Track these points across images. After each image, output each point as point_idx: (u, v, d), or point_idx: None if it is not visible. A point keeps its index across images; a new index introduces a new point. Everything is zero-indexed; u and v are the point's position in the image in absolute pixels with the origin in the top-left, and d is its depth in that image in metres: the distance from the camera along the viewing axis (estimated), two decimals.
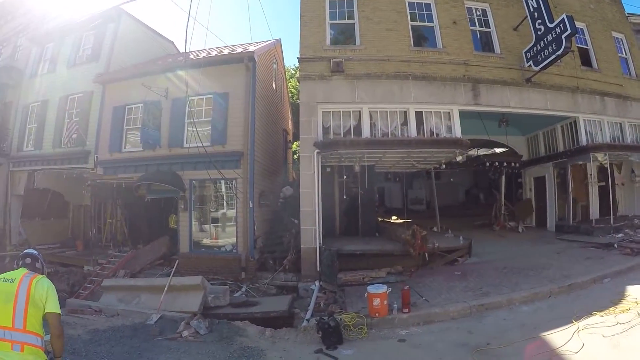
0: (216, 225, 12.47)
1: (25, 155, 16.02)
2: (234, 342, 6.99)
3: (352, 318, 6.84)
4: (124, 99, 13.66)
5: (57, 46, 16.67)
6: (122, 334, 7.50)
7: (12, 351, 2.83)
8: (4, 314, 2.88)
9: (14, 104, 17.14)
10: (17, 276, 3.02)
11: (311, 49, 11.60)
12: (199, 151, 11.73)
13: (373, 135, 11.16)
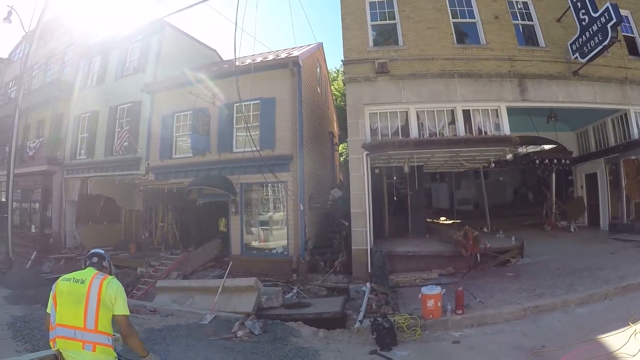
0: (267, 227, 12.67)
1: (78, 164, 16.77)
2: (289, 342, 7.08)
3: (406, 319, 6.83)
4: (172, 107, 14.12)
5: (104, 59, 17.42)
6: (177, 333, 7.70)
7: (83, 351, 2.91)
8: (75, 314, 2.93)
9: (65, 116, 17.98)
10: (87, 277, 3.04)
11: (355, 51, 11.67)
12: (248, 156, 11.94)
13: (421, 135, 11.12)
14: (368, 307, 8.67)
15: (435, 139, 10.98)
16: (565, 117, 13.68)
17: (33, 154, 18.15)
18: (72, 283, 3.03)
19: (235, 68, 10.74)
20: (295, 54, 13.24)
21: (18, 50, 25.64)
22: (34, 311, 9.12)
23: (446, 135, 11.15)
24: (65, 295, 2.98)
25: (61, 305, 2.96)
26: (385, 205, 12.76)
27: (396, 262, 9.86)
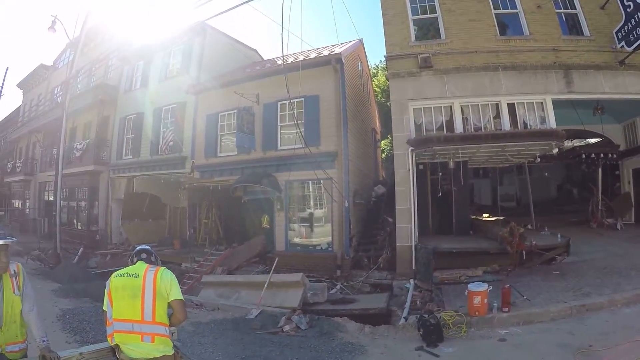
0: (311, 224, 12.75)
1: (124, 163, 17.38)
2: (335, 337, 7.10)
3: (451, 316, 6.75)
4: (216, 107, 14.43)
5: (147, 63, 17.99)
6: (224, 327, 7.84)
7: (142, 342, 2.97)
8: (132, 308, 3.00)
9: (111, 118, 18.68)
10: (140, 271, 3.11)
11: (397, 46, 11.59)
12: (293, 153, 12.20)
13: (466, 130, 10.95)
14: (412, 304, 8.59)
15: (480, 134, 10.76)
16: (612, 108, 13.15)
17: (80, 155, 18.87)
18: (126, 278, 3.10)
19: (283, 66, 10.85)
20: (338, 51, 13.28)
21: (62, 57, 26.78)
22: (82, 304, 9.51)
23: (491, 129, 10.93)
24: (120, 290, 3.06)
25: (117, 301, 3.05)
26: (429, 202, 12.64)
27: (440, 259, 9.71)
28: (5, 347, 2.97)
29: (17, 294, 3.01)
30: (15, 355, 3.02)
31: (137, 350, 2.96)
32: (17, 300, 3.01)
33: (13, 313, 2.98)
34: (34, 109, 28.48)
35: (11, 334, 2.99)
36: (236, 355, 6.21)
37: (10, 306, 2.97)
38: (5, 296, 2.96)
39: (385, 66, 25.07)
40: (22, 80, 32.55)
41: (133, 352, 2.97)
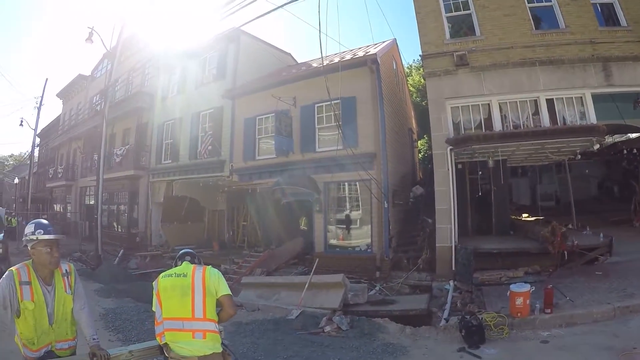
0: (350, 225, 12.71)
1: (163, 168, 17.84)
2: (376, 338, 7.11)
3: (493, 318, 6.68)
4: (253, 111, 14.63)
5: (183, 70, 18.40)
6: (265, 327, 7.94)
7: (194, 339, 3.01)
8: (182, 306, 3.05)
9: (149, 124, 19.24)
10: (187, 271, 3.17)
11: (432, 44, 11.48)
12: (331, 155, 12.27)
13: (504, 127, 10.74)
14: (452, 305, 8.49)
15: (519, 131, 10.49)
16: None
17: (120, 160, 19.49)
18: (174, 278, 3.17)
19: (323, 68, 10.95)
20: (373, 51, 13.25)
21: (100, 67, 27.74)
22: (124, 304, 9.81)
23: (530, 127, 10.66)
24: (169, 290, 3.12)
25: (166, 300, 3.11)
26: (468, 202, 12.48)
27: (480, 260, 9.58)
28: (56, 344, 3.04)
29: (68, 293, 3.10)
30: (65, 353, 3.08)
31: (187, 347, 3.00)
32: (68, 298, 3.09)
33: (64, 311, 3.07)
34: (73, 117, 29.63)
35: (62, 332, 3.07)
36: (278, 355, 6.28)
37: (62, 304, 3.05)
38: (57, 295, 3.04)
39: (418, 65, 24.94)
40: (62, 90, 33.91)
41: (183, 350, 3.00)
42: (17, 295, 2.87)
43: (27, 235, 3.04)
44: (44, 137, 36.34)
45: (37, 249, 3.00)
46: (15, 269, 2.97)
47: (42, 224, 3.12)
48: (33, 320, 2.91)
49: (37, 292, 2.95)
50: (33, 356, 2.96)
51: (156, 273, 12.61)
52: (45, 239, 3.00)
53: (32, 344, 2.95)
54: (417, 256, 11.66)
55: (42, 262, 3.01)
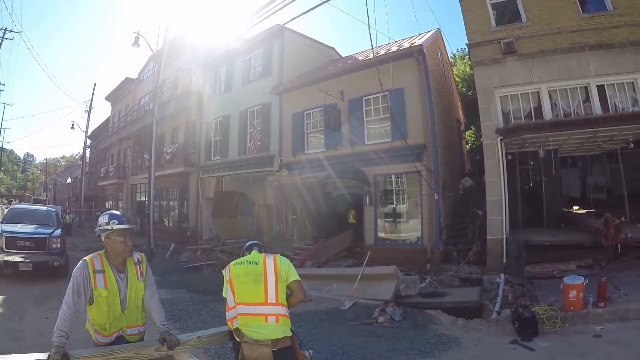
0: (400, 218, 12.69)
1: (213, 164, 18.43)
2: (429, 329, 7.10)
3: (546, 311, 6.53)
4: (301, 106, 14.85)
5: (229, 68, 18.91)
6: (318, 318, 7.99)
7: (267, 323, 3.10)
8: (255, 292, 3.15)
9: (198, 122, 19.88)
10: (258, 259, 3.28)
11: (478, 33, 11.24)
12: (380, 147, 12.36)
13: (555, 116, 10.38)
14: (504, 299, 8.33)
15: (571, 119, 10.16)
16: None
17: (170, 158, 20.22)
18: (246, 265, 3.29)
19: (374, 60, 11.00)
20: (418, 42, 13.09)
21: (146, 69, 28.83)
22: (178, 294, 10.14)
23: (582, 114, 10.25)
24: (242, 276, 3.23)
25: (239, 286, 3.22)
26: (518, 193, 12.20)
27: (531, 253, 9.34)
28: (126, 329, 3.15)
29: (140, 280, 3.21)
30: (134, 338, 3.20)
31: (260, 331, 3.08)
32: (140, 286, 3.20)
33: (136, 298, 3.17)
34: (122, 118, 30.93)
35: (132, 318, 3.18)
36: (333, 344, 6.35)
37: (133, 291, 3.16)
38: (130, 282, 3.15)
39: (463, 54, 24.45)
40: (110, 94, 35.50)
41: (256, 334, 3.07)
42: (91, 283, 2.98)
43: (101, 226, 3.14)
44: (94, 139, 38.14)
45: (112, 239, 3.10)
46: (89, 258, 3.08)
47: (115, 214, 3.22)
48: (106, 306, 3.03)
49: (111, 279, 3.06)
50: (104, 341, 3.08)
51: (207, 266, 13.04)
52: (120, 228, 3.10)
53: (104, 329, 3.08)
54: (467, 249, 11.53)
55: (116, 251, 3.12)
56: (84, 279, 2.95)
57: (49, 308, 7.86)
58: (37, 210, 13.84)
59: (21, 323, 7.15)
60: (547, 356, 5.60)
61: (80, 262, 3.03)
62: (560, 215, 12.30)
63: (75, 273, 2.96)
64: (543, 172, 11.82)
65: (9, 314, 7.69)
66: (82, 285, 2.93)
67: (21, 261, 10.31)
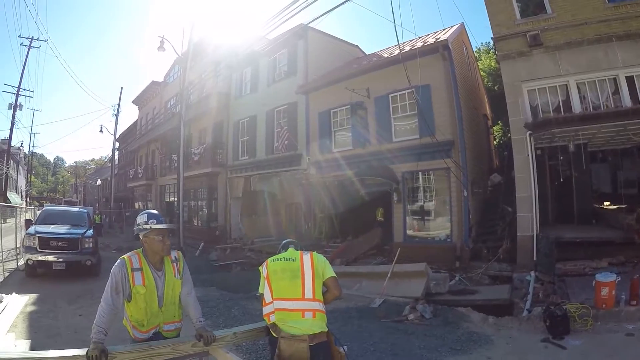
0: (428, 215, 12.67)
1: (240, 164, 18.73)
2: (459, 326, 7.06)
3: (577, 309, 6.42)
4: (327, 104, 14.96)
5: (254, 69, 19.15)
6: (348, 315, 7.99)
7: (304, 318, 3.13)
8: (293, 287, 3.19)
9: (224, 123, 20.23)
10: (295, 256, 3.34)
11: (503, 26, 11.08)
12: (408, 144, 12.40)
13: (584, 109, 10.14)
14: (534, 297, 8.23)
15: (600, 112, 9.87)
16: None
17: (198, 159, 20.61)
18: (283, 262, 3.34)
19: (400, 56, 11.01)
20: (443, 37, 13.01)
21: (172, 73, 29.38)
22: (209, 292, 10.19)
23: (611, 107, 9.96)
24: (279, 272, 3.28)
25: (277, 282, 3.26)
26: (548, 189, 11.99)
27: (562, 250, 9.19)
28: (163, 325, 3.21)
29: (177, 278, 3.25)
30: (171, 334, 3.26)
31: (297, 326, 3.11)
32: (177, 283, 3.25)
33: (173, 295, 3.23)
34: (149, 121, 31.61)
35: (169, 314, 3.24)
36: (364, 341, 6.39)
37: (171, 288, 3.20)
38: (167, 279, 3.20)
39: (487, 48, 24.07)
40: (137, 97, 36.37)
41: (293, 329, 3.10)
42: (129, 281, 3.04)
43: (139, 225, 3.18)
44: (122, 142, 39.10)
45: (150, 238, 3.14)
46: (127, 256, 3.14)
47: (154, 214, 3.26)
48: (144, 303, 3.09)
49: (149, 277, 3.12)
50: (142, 337, 3.14)
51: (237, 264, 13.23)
52: (158, 228, 3.14)
53: (142, 325, 3.14)
54: (496, 246, 11.41)
55: (155, 250, 3.16)
56: (122, 277, 3.01)
57: (82, 306, 8.17)
58: (70, 212, 14.20)
59: (55, 320, 7.36)
60: (579, 354, 5.55)
61: (119, 261, 3.10)
62: (591, 211, 12.03)
63: (114, 271, 3.03)
64: (573, 167, 11.58)
65: (43, 311, 7.91)
66: (120, 283, 3.00)
67: (54, 260, 10.59)
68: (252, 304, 9.00)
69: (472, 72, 16.98)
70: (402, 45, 13.68)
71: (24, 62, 43.79)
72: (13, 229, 15.10)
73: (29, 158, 58.11)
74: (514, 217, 10.86)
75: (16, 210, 17.16)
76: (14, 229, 14.92)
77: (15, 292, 8.73)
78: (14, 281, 10.56)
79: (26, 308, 8.02)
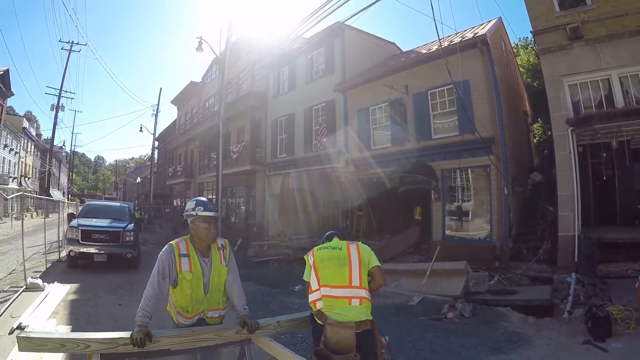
0: (468, 213, 12.52)
1: (278, 161, 19.05)
2: (499, 326, 6.98)
3: (620, 311, 6.23)
4: (365, 102, 14.99)
5: (291, 68, 19.40)
6: (387, 312, 8.00)
7: (350, 306, 3.17)
8: (339, 275, 3.24)
9: (262, 121, 20.60)
10: (341, 245, 3.42)
11: (542, 19, 10.85)
12: (448, 141, 12.30)
13: (627, 104, 9.78)
14: (575, 298, 8.00)
15: None
16: None
17: (236, 157, 21.08)
18: (330, 250, 3.41)
19: (441, 51, 10.97)
20: (481, 32, 12.78)
21: (209, 73, 30.16)
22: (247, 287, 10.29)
23: None
24: (326, 260, 3.35)
25: (323, 270, 3.32)
26: (590, 188, 11.63)
27: (604, 251, 8.95)
28: (207, 312, 3.26)
29: (223, 265, 3.29)
30: (215, 321, 3.31)
31: (344, 313, 3.15)
32: (223, 270, 3.28)
33: (219, 282, 3.27)
34: (188, 120, 32.50)
35: (214, 301, 3.28)
36: (402, 338, 6.39)
37: (217, 275, 3.24)
38: (214, 266, 3.23)
39: (526, 44, 23.46)
40: (176, 97, 37.47)
41: (340, 316, 3.14)
42: (176, 266, 3.08)
43: (187, 211, 3.22)
44: (161, 141, 40.37)
45: (196, 224, 3.17)
46: (175, 242, 3.18)
47: (202, 201, 3.29)
48: (190, 289, 3.13)
49: (195, 263, 3.15)
50: (186, 323, 3.20)
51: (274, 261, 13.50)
52: (204, 215, 3.16)
53: (186, 311, 3.19)
54: (537, 246, 11.18)
55: (200, 236, 3.19)
56: (169, 262, 3.07)
57: (122, 296, 8.55)
58: (111, 206, 14.67)
59: (96, 309, 7.65)
60: (620, 357, 5.45)
61: (166, 246, 3.15)
62: (634, 211, 11.57)
63: (161, 256, 3.08)
64: (616, 165, 11.25)
65: (84, 299, 8.25)
66: (167, 268, 3.05)
67: (96, 252, 10.97)
68: (289, 298, 9.23)
69: (511, 67, 16.63)
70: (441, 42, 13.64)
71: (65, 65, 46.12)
72: (56, 223, 15.76)
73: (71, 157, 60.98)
74: (555, 217, 10.65)
75: (59, 205, 17.95)
76: (57, 223, 15.56)
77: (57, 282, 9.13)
78: (56, 272, 10.96)
79: (67, 297, 8.37)
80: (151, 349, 2.79)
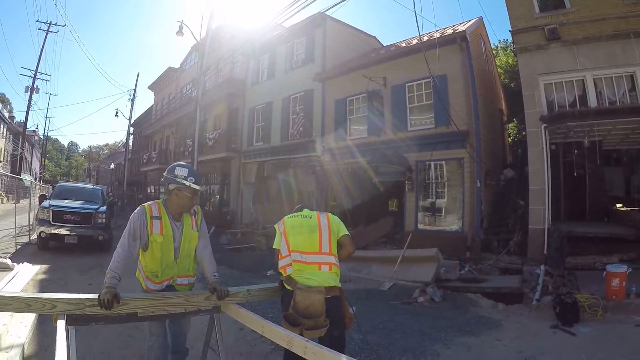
0: (441, 204, 12.71)
1: (254, 149, 18.88)
2: (469, 311, 7.20)
3: (587, 299, 6.53)
4: (343, 92, 15.03)
5: (271, 56, 19.24)
6: (357, 296, 8.09)
7: (320, 271, 3.24)
8: (310, 241, 3.31)
9: (240, 109, 20.37)
10: (312, 214, 3.50)
11: (522, 19, 11.16)
12: (422, 134, 12.45)
13: (600, 104, 10.16)
14: (543, 289, 8.28)
15: (616, 108, 9.87)
16: None
17: (212, 144, 20.82)
18: (301, 218, 3.49)
19: (421, 43, 11.06)
20: (461, 29, 13.00)
21: (189, 59, 29.62)
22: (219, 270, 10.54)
23: (627, 103, 9.96)
24: (297, 227, 3.42)
25: (294, 236, 3.38)
26: (561, 184, 11.98)
27: (573, 245, 9.23)
28: (177, 279, 3.24)
29: (194, 230, 3.26)
30: (184, 288, 3.29)
31: (313, 278, 3.21)
32: (194, 235, 3.25)
33: (189, 247, 3.24)
34: (165, 106, 31.89)
35: (184, 267, 3.26)
36: (373, 319, 6.49)
37: (187, 241, 3.21)
38: (185, 231, 3.20)
39: (505, 46, 23.96)
40: (153, 83, 36.70)
41: (309, 281, 3.20)
42: (147, 228, 3.04)
43: (177, 177, 3.12)
44: (137, 127, 39.54)
45: (183, 193, 3.12)
46: (148, 205, 3.15)
47: (194, 171, 3.25)
48: (160, 253, 3.10)
49: (167, 226, 3.11)
50: (155, 288, 3.16)
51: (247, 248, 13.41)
52: (195, 188, 3.15)
53: (156, 276, 3.15)
54: (507, 239, 11.47)
55: (182, 205, 3.16)
56: (141, 223, 3.02)
57: (93, 276, 8.38)
58: (84, 188, 14.35)
59: (65, 288, 7.42)
60: (588, 340, 5.62)
61: (139, 208, 3.11)
62: (603, 209, 12.07)
63: (133, 218, 3.04)
64: (587, 163, 11.56)
65: (53, 279, 8.15)
66: (138, 229, 3.01)
67: (67, 234, 10.73)
68: (261, 281, 9.18)
69: (489, 66, 16.94)
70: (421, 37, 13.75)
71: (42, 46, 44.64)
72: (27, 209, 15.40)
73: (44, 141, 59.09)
74: (526, 211, 10.93)
75: (30, 190, 17.45)
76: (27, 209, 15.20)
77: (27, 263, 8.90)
78: (26, 253, 10.70)
79: (37, 276, 8.23)
80: (119, 312, 2.75)
